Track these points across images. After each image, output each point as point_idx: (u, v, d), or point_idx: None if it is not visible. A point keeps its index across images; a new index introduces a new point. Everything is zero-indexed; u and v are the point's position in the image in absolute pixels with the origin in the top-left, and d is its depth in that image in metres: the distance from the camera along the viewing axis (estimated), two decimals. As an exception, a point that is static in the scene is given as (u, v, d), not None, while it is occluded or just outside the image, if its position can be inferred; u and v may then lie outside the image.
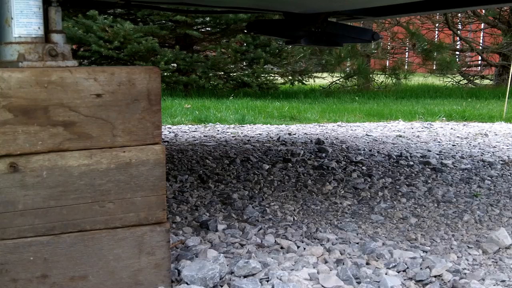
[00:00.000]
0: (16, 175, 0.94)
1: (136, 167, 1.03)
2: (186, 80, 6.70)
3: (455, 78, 9.98)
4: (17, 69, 0.94)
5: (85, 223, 1.00)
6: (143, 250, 1.05)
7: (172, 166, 2.40)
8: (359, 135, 3.66)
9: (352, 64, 8.63)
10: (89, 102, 0.98)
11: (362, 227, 1.62)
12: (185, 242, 1.37)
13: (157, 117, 1.04)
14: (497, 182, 2.26)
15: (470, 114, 4.90)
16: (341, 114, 4.89)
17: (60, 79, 0.96)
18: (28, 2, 0.97)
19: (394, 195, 1.99)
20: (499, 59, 10.01)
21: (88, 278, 1.01)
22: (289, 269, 1.21)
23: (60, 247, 0.99)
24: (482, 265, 1.33)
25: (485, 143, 3.40)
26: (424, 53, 8.67)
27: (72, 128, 0.97)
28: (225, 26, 6.85)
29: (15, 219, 0.95)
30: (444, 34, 10.67)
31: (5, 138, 0.93)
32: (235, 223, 1.59)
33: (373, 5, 2.32)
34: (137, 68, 1.02)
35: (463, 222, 1.69)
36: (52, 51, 0.99)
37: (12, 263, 0.96)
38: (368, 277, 1.19)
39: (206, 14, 5.83)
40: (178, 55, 6.53)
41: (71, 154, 0.98)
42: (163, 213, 1.06)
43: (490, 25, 9.92)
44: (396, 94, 7.55)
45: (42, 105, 0.95)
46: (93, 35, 6.25)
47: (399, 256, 1.32)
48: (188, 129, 3.84)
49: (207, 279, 1.11)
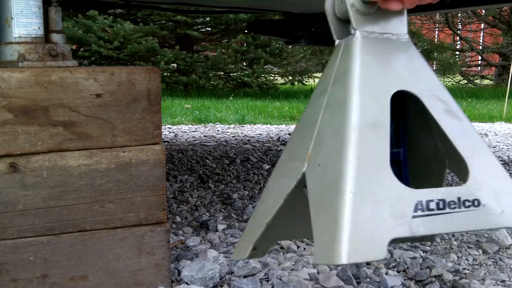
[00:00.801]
0: (16, 175, 0.94)
1: (136, 167, 1.03)
2: (186, 80, 6.70)
3: (455, 78, 9.98)
4: (17, 69, 0.94)
5: (85, 223, 1.00)
6: (143, 250, 1.05)
7: (172, 166, 2.40)
8: (359, 135, 3.66)
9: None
10: (89, 102, 0.98)
11: (362, 227, 1.62)
12: (185, 242, 1.37)
13: (157, 117, 1.04)
14: (497, 182, 2.25)
15: (470, 114, 4.91)
16: (341, 114, 4.89)
17: (60, 79, 0.96)
18: (28, 2, 0.97)
19: (394, 195, 1.99)
20: (499, 59, 10.02)
21: (88, 278, 1.01)
22: (289, 269, 1.21)
23: (60, 247, 0.99)
24: (482, 265, 1.33)
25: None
26: (425, 53, 8.67)
27: (72, 128, 0.97)
28: (225, 26, 6.85)
29: (15, 219, 0.95)
30: (444, 34, 10.67)
31: (5, 138, 0.93)
32: (235, 223, 1.59)
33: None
34: (137, 68, 1.02)
35: (463, 222, 1.69)
36: (52, 51, 0.99)
37: (12, 263, 0.96)
38: (368, 277, 1.19)
39: (206, 14, 5.84)
40: (178, 55, 6.53)
41: (71, 154, 0.98)
42: (163, 213, 1.06)
43: (490, 25, 9.92)
44: (396, 94, 7.55)
45: (42, 105, 0.95)
46: (93, 35, 6.25)
47: (399, 256, 1.32)
48: (188, 129, 3.84)
49: (207, 279, 1.11)
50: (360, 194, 0.77)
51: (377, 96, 0.83)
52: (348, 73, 0.83)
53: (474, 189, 0.85)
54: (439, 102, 0.87)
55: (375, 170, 0.79)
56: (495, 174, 0.87)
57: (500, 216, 0.84)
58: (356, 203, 0.77)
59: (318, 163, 0.85)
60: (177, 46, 6.64)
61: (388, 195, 0.79)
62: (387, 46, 0.86)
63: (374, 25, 0.85)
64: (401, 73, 0.85)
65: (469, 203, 0.83)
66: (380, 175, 0.79)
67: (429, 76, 0.88)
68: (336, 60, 0.88)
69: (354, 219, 0.75)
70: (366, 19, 0.85)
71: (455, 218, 0.82)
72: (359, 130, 0.79)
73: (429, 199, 0.80)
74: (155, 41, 6.35)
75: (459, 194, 0.83)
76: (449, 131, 0.86)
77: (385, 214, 0.77)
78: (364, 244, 0.75)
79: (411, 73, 0.86)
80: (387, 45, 0.86)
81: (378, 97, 0.83)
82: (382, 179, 0.79)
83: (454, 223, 0.81)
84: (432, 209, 0.80)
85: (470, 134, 0.89)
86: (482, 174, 0.86)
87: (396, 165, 0.95)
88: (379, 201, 0.78)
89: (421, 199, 0.80)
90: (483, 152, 0.88)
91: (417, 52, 0.88)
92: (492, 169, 0.88)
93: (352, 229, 0.75)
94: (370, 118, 0.81)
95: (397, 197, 0.79)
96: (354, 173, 0.78)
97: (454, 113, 0.88)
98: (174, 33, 6.82)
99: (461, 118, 0.87)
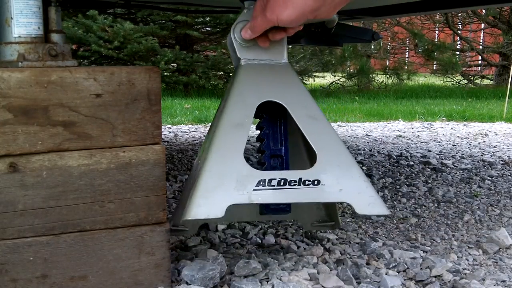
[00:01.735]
0: (16, 175, 0.94)
1: (136, 167, 1.03)
2: (186, 80, 6.70)
3: (456, 78, 9.98)
4: (17, 69, 0.94)
5: (85, 223, 1.00)
6: (143, 250, 1.05)
7: (172, 166, 2.40)
8: (359, 135, 3.66)
9: (352, 64, 8.63)
10: (89, 102, 0.98)
11: (362, 227, 1.62)
12: (185, 242, 1.37)
13: (157, 117, 1.04)
14: (497, 182, 2.26)
15: (470, 114, 4.90)
16: (341, 114, 4.90)
17: (60, 79, 0.95)
18: (28, 2, 0.97)
19: (394, 195, 1.99)
20: (499, 59, 10.01)
21: (88, 278, 1.01)
22: (289, 269, 1.21)
23: (60, 247, 0.99)
24: (482, 265, 1.33)
25: (485, 143, 3.40)
26: (426, 53, 8.67)
27: (72, 128, 0.97)
28: (225, 26, 6.85)
29: (15, 219, 0.95)
30: (444, 34, 10.67)
31: (4, 138, 0.93)
32: (235, 223, 1.59)
33: (373, 5, 2.32)
34: (137, 68, 1.02)
35: (463, 222, 1.69)
36: (52, 51, 0.99)
37: (12, 263, 0.95)
38: (368, 277, 1.19)
39: (206, 14, 5.84)
40: (178, 55, 6.53)
41: (71, 154, 0.98)
42: (163, 213, 1.06)
43: (490, 25, 9.92)
44: (396, 94, 7.55)
45: (42, 105, 0.95)
46: (93, 35, 6.25)
47: (399, 256, 1.32)
48: (188, 129, 3.84)
49: (207, 279, 1.11)
50: (212, 172, 1.05)
51: (246, 104, 1.10)
52: (230, 89, 1.12)
53: (317, 172, 1.09)
54: (303, 109, 1.13)
55: (230, 157, 1.07)
56: (341, 163, 1.11)
57: (338, 193, 1.10)
58: (208, 178, 1.04)
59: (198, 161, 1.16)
60: (177, 46, 6.64)
61: (235, 174, 1.06)
62: (266, 69, 1.14)
63: (255, 54, 1.14)
64: (272, 88, 1.13)
65: (309, 182, 1.09)
66: (233, 160, 1.06)
67: (298, 90, 1.16)
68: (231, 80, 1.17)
69: (203, 188, 1.03)
70: (248, 50, 1.14)
71: (293, 193, 1.08)
72: (224, 129, 1.08)
73: (272, 178, 1.08)
74: (155, 41, 6.34)
75: (302, 175, 1.09)
76: (306, 131, 1.11)
77: (230, 186, 1.05)
78: (208, 207, 1.02)
79: (282, 88, 1.14)
80: (266, 68, 1.14)
81: (246, 105, 1.10)
82: (234, 163, 1.06)
83: (290, 195, 1.08)
84: (273, 185, 1.07)
85: (325, 131, 1.13)
86: (328, 161, 1.10)
87: (279, 158, 1.25)
88: (227, 177, 1.05)
89: (265, 178, 1.07)
90: (335, 145, 1.12)
91: (293, 72, 1.17)
92: (339, 159, 1.11)
93: (200, 196, 1.02)
94: (236, 120, 1.09)
95: (243, 176, 1.06)
96: (212, 158, 1.06)
97: (314, 117, 1.13)
98: (174, 33, 6.81)
99: (319, 119, 1.13)
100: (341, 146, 1.12)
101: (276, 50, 1.15)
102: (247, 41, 1.13)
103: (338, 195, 1.09)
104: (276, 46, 1.15)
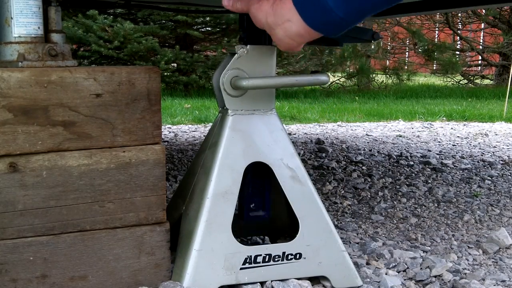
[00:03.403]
0: (15, 175, 0.94)
1: (136, 167, 1.03)
2: (186, 80, 6.69)
3: (456, 78, 9.97)
4: (17, 69, 0.94)
5: (85, 223, 1.00)
6: (143, 250, 1.05)
7: (172, 166, 2.40)
8: (359, 135, 3.66)
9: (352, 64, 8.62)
10: (89, 102, 0.98)
11: (362, 227, 1.62)
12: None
13: (157, 117, 1.04)
14: (497, 182, 2.25)
15: (470, 114, 4.90)
16: (341, 114, 4.89)
17: (60, 79, 0.95)
18: (27, 2, 0.97)
19: (394, 195, 1.99)
20: (499, 59, 10.01)
21: (88, 278, 1.01)
22: (289, 269, 1.21)
23: (60, 247, 0.99)
24: (482, 265, 1.33)
25: (485, 143, 3.40)
26: (426, 53, 8.66)
27: (71, 128, 0.97)
28: (225, 26, 6.84)
29: (14, 219, 0.95)
30: (444, 34, 10.67)
31: (4, 138, 0.93)
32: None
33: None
34: (137, 68, 1.02)
35: (463, 222, 1.69)
36: (51, 51, 0.99)
37: (12, 263, 0.95)
38: (368, 277, 1.19)
39: (206, 14, 5.84)
40: (178, 55, 6.52)
41: (70, 154, 0.98)
42: (163, 213, 1.06)
43: (491, 24, 9.92)
44: (396, 94, 7.55)
45: (42, 105, 0.95)
46: (93, 35, 6.24)
47: (399, 256, 1.32)
48: (188, 129, 3.84)
49: (207, 279, 1.11)
50: (202, 252, 1.04)
51: (233, 168, 1.08)
52: (218, 144, 1.09)
53: (299, 245, 1.10)
54: (287, 170, 1.11)
55: (218, 231, 1.05)
56: (320, 232, 1.12)
57: (317, 266, 1.11)
58: (198, 259, 1.04)
59: (187, 212, 1.13)
60: (177, 46, 6.63)
61: (224, 252, 1.05)
62: (253, 121, 1.11)
63: (243, 104, 1.11)
64: (258, 147, 1.10)
65: (292, 257, 1.10)
66: (221, 235, 1.05)
67: (284, 146, 1.12)
68: (215, 126, 1.14)
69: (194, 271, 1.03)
70: (236, 100, 1.10)
71: (276, 269, 1.09)
72: (212, 199, 1.06)
73: (257, 254, 1.08)
74: (155, 40, 6.34)
75: (285, 249, 1.10)
76: (289, 196, 1.11)
77: (218, 266, 1.05)
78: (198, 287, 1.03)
79: (268, 145, 1.11)
80: (253, 120, 1.11)
81: (234, 169, 1.08)
82: (222, 239, 1.05)
83: (275, 273, 1.09)
84: (258, 262, 1.08)
85: (308, 197, 1.12)
86: (309, 232, 1.11)
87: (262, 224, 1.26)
88: (216, 256, 1.05)
89: (251, 254, 1.07)
90: (316, 212, 1.12)
91: (279, 123, 1.13)
92: (320, 227, 1.11)
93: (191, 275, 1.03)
94: (223, 188, 1.07)
95: (231, 253, 1.06)
96: (201, 235, 1.04)
97: (299, 179, 1.12)
98: (174, 33, 6.81)
99: (304, 183, 1.12)
100: (321, 213, 1.13)
101: (264, 99, 1.12)
102: (236, 92, 1.09)
103: (317, 268, 1.12)
104: (265, 96, 1.12)
